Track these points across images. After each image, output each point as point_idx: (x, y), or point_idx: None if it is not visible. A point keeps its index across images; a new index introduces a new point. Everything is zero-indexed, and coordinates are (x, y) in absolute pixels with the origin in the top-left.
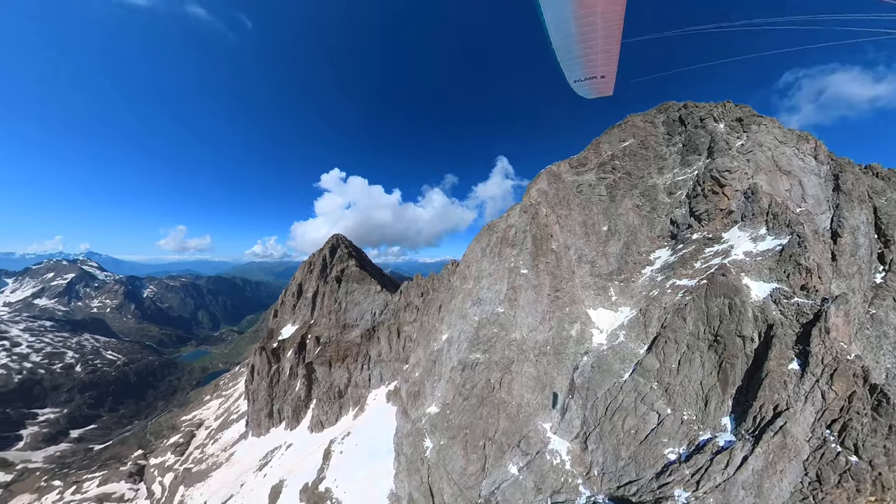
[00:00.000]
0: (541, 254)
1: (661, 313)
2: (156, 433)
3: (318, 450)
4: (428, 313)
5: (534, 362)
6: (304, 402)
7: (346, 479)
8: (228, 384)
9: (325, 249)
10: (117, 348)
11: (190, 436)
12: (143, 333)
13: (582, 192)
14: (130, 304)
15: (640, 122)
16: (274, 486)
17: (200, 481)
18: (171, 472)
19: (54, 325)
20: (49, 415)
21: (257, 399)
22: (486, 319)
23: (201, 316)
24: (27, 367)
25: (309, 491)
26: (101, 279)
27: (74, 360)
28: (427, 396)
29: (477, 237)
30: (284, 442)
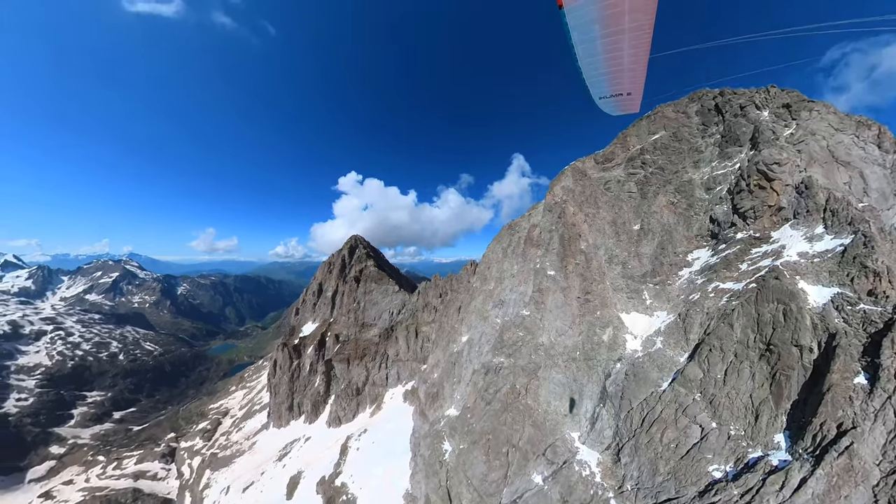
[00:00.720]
0: (569, 254)
1: (703, 319)
2: (186, 418)
3: (336, 445)
4: (447, 314)
5: (562, 368)
6: (323, 397)
7: (362, 476)
8: (252, 376)
9: (343, 250)
10: (154, 340)
11: (216, 423)
12: (177, 327)
13: (610, 189)
14: (166, 300)
15: (672, 113)
16: (292, 477)
17: (225, 466)
18: (199, 456)
19: (101, 318)
20: (96, 397)
21: (279, 392)
22: (511, 322)
23: (229, 312)
24: (79, 355)
25: (325, 484)
26: (141, 277)
27: (118, 349)
28: (446, 398)
29: (497, 237)
30: (303, 435)
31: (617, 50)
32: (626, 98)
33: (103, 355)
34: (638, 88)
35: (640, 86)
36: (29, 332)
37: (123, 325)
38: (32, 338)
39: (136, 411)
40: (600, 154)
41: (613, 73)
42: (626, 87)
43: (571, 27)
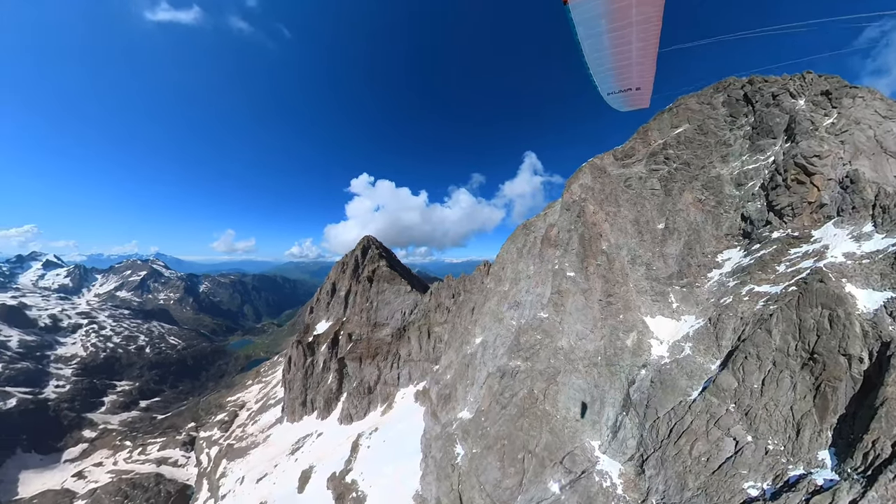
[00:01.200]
0: (590, 255)
1: (737, 324)
2: (206, 410)
3: (347, 442)
4: (460, 315)
5: (583, 374)
6: (336, 394)
7: (372, 474)
8: (268, 371)
9: (356, 250)
10: (178, 335)
11: (233, 415)
12: (198, 323)
13: (631, 187)
14: (189, 297)
15: (696, 105)
16: (304, 471)
17: (240, 457)
18: (217, 446)
19: (130, 314)
20: (125, 386)
21: (293, 388)
22: (528, 325)
23: (246, 309)
24: (110, 347)
25: (336, 480)
26: (166, 276)
27: (145, 342)
28: (459, 400)
29: (511, 237)
30: (315, 430)
31: (625, 44)
32: (636, 93)
33: (132, 348)
34: (647, 83)
35: (650, 80)
36: (67, 325)
37: (150, 321)
38: (70, 330)
39: (160, 401)
40: (619, 150)
41: (621, 68)
42: (635, 81)
43: (577, 23)
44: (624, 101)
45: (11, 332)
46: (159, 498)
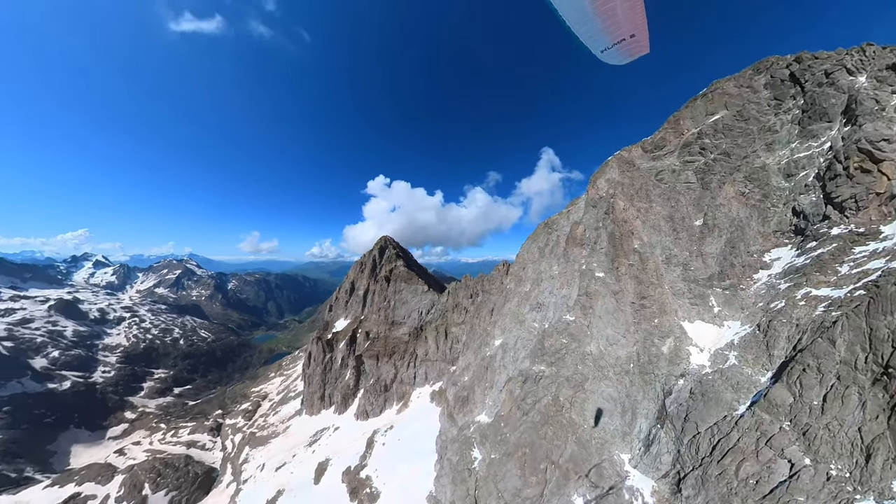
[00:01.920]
0: (620, 254)
1: (791, 332)
2: (232, 398)
3: (362, 437)
4: (479, 316)
5: (613, 381)
6: (353, 390)
7: (386, 472)
8: (289, 365)
9: (374, 250)
10: (208, 328)
11: (257, 405)
12: (226, 318)
13: (663, 181)
14: (218, 294)
15: (733, 89)
16: (320, 463)
17: (262, 445)
18: (240, 433)
19: (167, 308)
20: (161, 374)
21: (312, 382)
22: (553, 328)
23: (270, 306)
24: (149, 338)
25: (351, 475)
26: (198, 275)
27: (179, 335)
28: (477, 403)
29: (532, 236)
30: (332, 424)
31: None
32: (631, 41)
33: (167, 339)
34: (640, 27)
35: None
36: (112, 317)
37: (184, 315)
38: (115, 322)
39: (191, 388)
40: (648, 141)
41: (609, 20)
42: (627, 29)
43: None
44: (621, 54)
45: (67, 323)
46: (188, 478)
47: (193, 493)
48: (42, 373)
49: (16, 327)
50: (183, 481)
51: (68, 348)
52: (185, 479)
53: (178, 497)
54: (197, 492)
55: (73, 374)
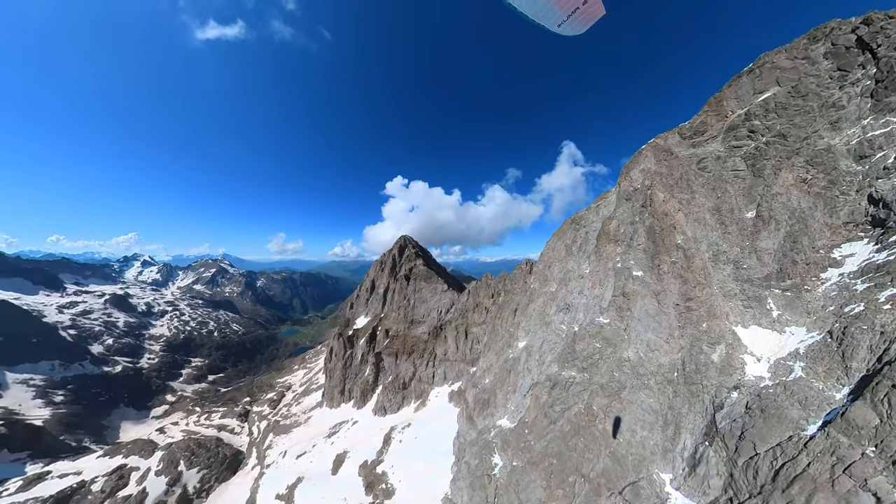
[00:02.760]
0: (662, 251)
1: (874, 341)
2: (259, 387)
3: (380, 433)
4: (501, 317)
5: (655, 391)
6: (372, 386)
7: (402, 469)
8: (312, 358)
9: (394, 250)
10: (239, 322)
11: (281, 395)
12: (256, 313)
13: (706, 169)
14: (248, 291)
15: (786, 61)
16: (339, 455)
17: (284, 433)
18: (265, 420)
19: (203, 303)
20: (197, 362)
21: (333, 376)
22: (585, 331)
23: (295, 303)
24: (187, 330)
25: (367, 469)
26: (231, 273)
27: (214, 327)
28: (498, 407)
29: (558, 234)
30: (351, 418)
31: None
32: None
33: (203, 331)
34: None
35: None
36: (157, 310)
37: (218, 310)
38: (159, 315)
39: (223, 376)
40: (687, 127)
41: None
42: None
43: None
44: (579, 23)
45: (119, 315)
46: (217, 458)
47: (222, 472)
48: (99, 357)
49: (78, 318)
50: (213, 461)
51: (120, 337)
52: (215, 460)
53: (209, 475)
54: (225, 472)
55: (123, 359)
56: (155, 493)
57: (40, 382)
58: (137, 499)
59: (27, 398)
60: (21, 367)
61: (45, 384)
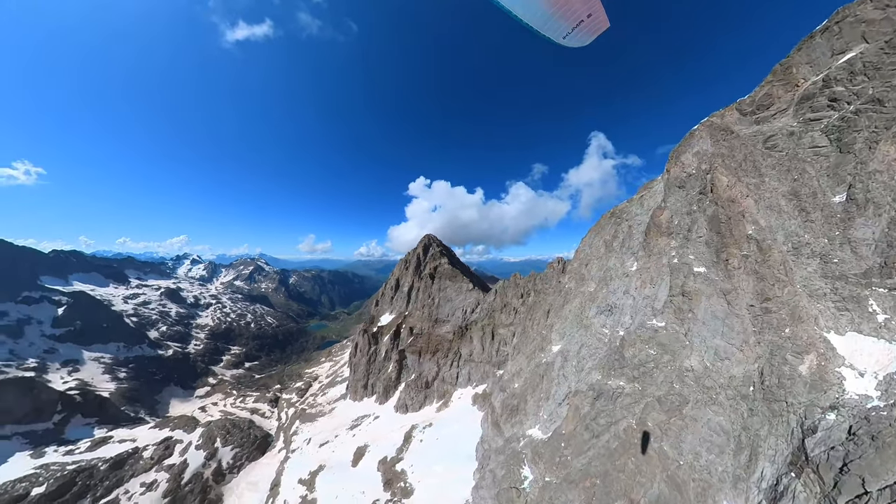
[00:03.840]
0: (730, 243)
1: None
2: (289, 376)
3: (400, 430)
4: (531, 318)
5: (725, 407)
6: (394, 383)
7: (421, 469)
8: (338, 352)
9: (418, 248)
10: (273, 316)
11: (308, 385)
12: (288, 308)
13: (776, 147)
14: (282, 287)
15: (874, 12)
16: (359, 448)
17: (310, 421)
18: (293, 408)
19: (242, 298)
20: (236, 350)
21: (357, 371)
22: (635, 335)
23: (323, 299)
24: (227, 321)
25: (386, 465)
26: (266, 271)
27: (251, 320)
28: (529, 415)
29: (595, 229)
30: (373, 413)
31: None
32: (590, 20)
33: (242, 323)
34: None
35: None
36: (203, 303)
37: (255, 304)
38: (204, 307)
39: (258, 364)
40: (747, 101)
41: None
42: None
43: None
44: (583, 36)
45: (172, 306)
46: (249, 439)
47: (252, 452)
48: (154, 342)
49: (139, 307)
50: (245, 441)
51: (172, 325)
52: (247, 440)
53: (241, 453)
54: (255, 452)
55: (174, 344)
56: (194, 465)
57: (108, 361)
58: (179, 468)
59: (98, 373)
60: (94, 346)
61: (111, 362)
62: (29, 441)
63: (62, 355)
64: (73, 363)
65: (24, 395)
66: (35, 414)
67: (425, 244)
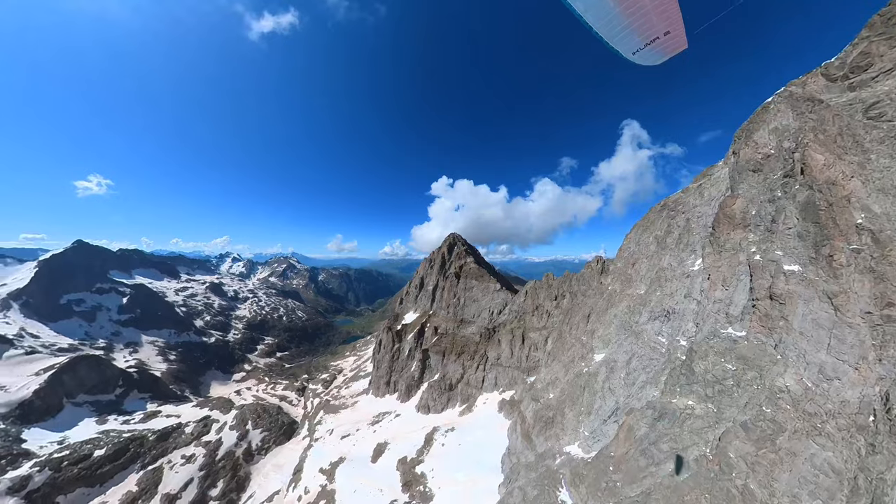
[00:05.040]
0: (835, 234)
1: None
2: (315, 368)
3: (421, 431)
4: (569, 322)
5: (835, 441)
6: (417, 382)
7: (442, 475)
8: (362, 347)
9: (443, 247)
10: (303, 310)
11: (333, 377)
12: (316, 303)
13: (884, 117)
14: (311, 284)
15: None
16: (379, 444)
17: (333, 413)
18: (318, 398)
19: (275, 293)
20: (269, 341)
21: (380, 367)
22: (708, 347)
23: (350, 296)
24: (262, 313)
25: (406, 466)
26: (297, 268)
27: (283, 313)
28: (567, 430)
29: (643, 224)
30: (394, 410)
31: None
32: (666, 38)
33: (275, 316)
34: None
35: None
36: (241, 297)
37: (287, 299)
38: (242, 300)
39: (288, 354)
40: (835, 64)
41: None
42: (661, 27)
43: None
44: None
45: (215, 298)
46: (277, 424)
47: (279, 436)
48: (200, 330)
49: (188, 299)
50: (273, 425)
51: (215, 315)
52: (275, 425)
53: (269, 437)
54: (282, 437)
55: (216, 333)
56: (228, 443)
57: (161, 344)
58: (215, 445)
59: (153, 355)
60: (150, 332)
61: (164, 346)
62: (95, 409)
63: (125, 338)
64: (134, 345)
65: (93, 370)
66: (101, 386)
67: (450, 243)
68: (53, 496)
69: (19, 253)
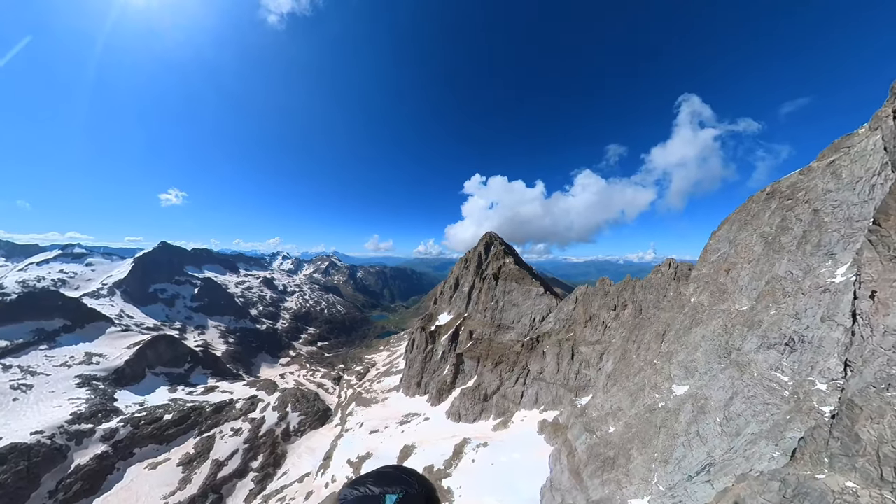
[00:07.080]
0: None
1: None
2: (351, 359)
3: (451, 439)
4: (636, 340)
5: None
6: (449, 387)
7: (471, 496)
8: (395, 343)
9: (479, 247)
10: (342, 305)
11: (367, 370)
12: (355, 299)
13: None
14: (350, 280)
15: None
16: (406, 446)
17: (364, 406)
18: (351, 389)
19: (318, 288)
20: (311, 331)
21: (412, 367)
22: (878, 399)
23: (385, 293)
24: (306, 306)
25: (432, 476)
26: (338, 266)
27: (325, 307)
28: (633, 477)
29: (739, 217)
30: (423, 413)
31: None
32: None
33: (317, 308)
34: None
35: None
36: (289, 290)
37: (328, 293)
38: (290, 294)
39: (327, 345)
40: None
41: None
42: None
43: None
44: None
45: (267, 291)
46: (313, 409)
47: (314, 421)
48: (254, 318)
49: (245, 291)
50: (309, 410)
51: (266, 306)
52: (311, 410)
53: (305, 421)
54: (316, 422)
55: (267, 321)
56: (269, 422)
57: (223, 329)
58: (258, 422)
59: (216, 337)
60: (215, 317)
61: (225, 330)
62: (168, 380)
63: (195, 321)
64: (201, 328)
65: (169, 347)
66: (174, 361)
67: (487, 242)
68: (132, 448)
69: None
